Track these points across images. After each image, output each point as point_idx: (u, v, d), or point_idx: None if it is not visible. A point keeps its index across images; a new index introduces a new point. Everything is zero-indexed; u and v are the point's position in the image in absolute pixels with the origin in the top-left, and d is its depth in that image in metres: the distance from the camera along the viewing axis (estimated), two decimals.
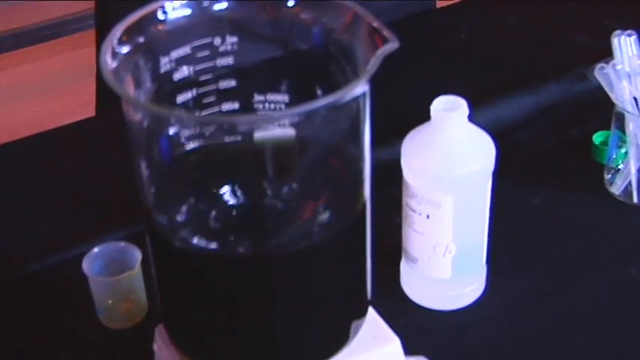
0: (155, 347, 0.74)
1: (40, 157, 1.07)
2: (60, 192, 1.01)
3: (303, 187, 0.65)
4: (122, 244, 0.85)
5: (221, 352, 0.65)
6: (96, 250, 0.84)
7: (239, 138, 0.64)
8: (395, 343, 0.68)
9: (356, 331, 0.67)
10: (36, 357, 0.83)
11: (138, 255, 0.83)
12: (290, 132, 0.61)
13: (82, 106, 1.19)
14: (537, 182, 0.99)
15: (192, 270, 0.63)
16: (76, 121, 1.12)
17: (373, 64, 0.57)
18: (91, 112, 1.30)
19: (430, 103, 0.79)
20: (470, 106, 0.79)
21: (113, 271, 0.84)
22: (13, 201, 0.99)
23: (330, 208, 0.65)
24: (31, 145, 1.08)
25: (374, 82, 0.61)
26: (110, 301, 0.85)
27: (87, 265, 0.83)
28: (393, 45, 0.58)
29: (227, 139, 0.64)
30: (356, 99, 0.60)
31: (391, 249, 0.88)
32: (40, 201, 1.00)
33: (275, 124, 0.60)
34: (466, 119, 0.79)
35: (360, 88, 0.58)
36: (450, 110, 0.78)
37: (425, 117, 0.80)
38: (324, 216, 0.64)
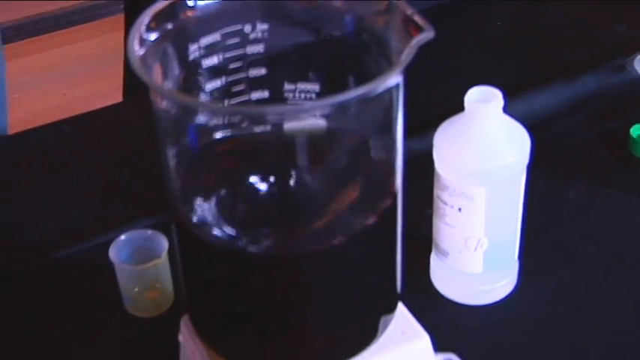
0: (181, 338, 0.74)
1: (70, 142, 1.06)
2: (88, 178, 1.00)
3: (333, 179, 0.64)
4: (149, 232, 0.84)
5: (246, 347, 0.64)
6: (123, 237, 0.84)
7: (268, 128, 0.62)
8: (424, 339, 0.66)
9: (385, 327, 0.66)
10: (61, 344, 0.83)
11: (165, 243, 0.82)
12: (321, 123, 0.59)
13: (113, 90, 1.18)
14: (572, 176, 0.97)
15: (217, 262, 0.62)
16: (106, 106, 1.11)
17: (407, 54, 0.55)
18: (121, 98, 1.29)
19: (464, 93, 0.77)
20: (504, 97, 0.77)
21: (140, 259, 0.83)
22: (41, 187, 0.99)
23: (361, 200, 0.63)
24: (60, 131, 1.07)
25: (407, 71, 0.59)
26: (136, 290, 0.84)
27: (113, 253, 0.82)
28: (428, 34, 0.57)
29: (256, 128, 0.63)
30: (389, 90, 0.58)
31: (421, 242, 0.86)
32: (67, 187, 0.99)
33: (305, 115, 0.58)
34: (501, 111, 0.77)
35: (394, 79, 0.56)
36: (484, 101, 0.76)
37: (458, 108, 0.78)
38: (355, 209, 0.63)
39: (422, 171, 0.82)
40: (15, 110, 1.23)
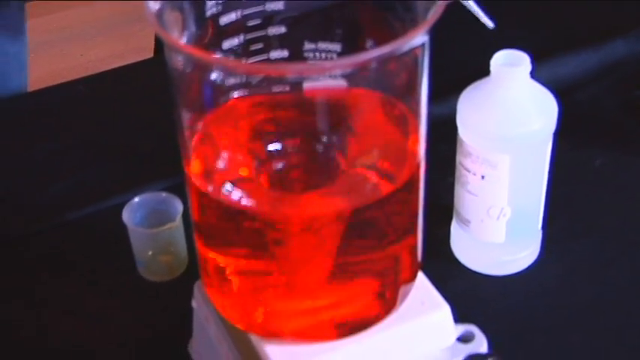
0: (194, 304, 0.72)
1: (85, 102, 1.04)
2: (103, 139, 0.98)
3: (354, 142, 0.62)
4: (164, 194, 0.82)
5: (260, 314, 0.62)
6: (137, 199, 0.82)
7: (287, 88, 0.60)
8: (444, 310, 0.65)
9: (404, 296, 0.64)
10: (72, 307, 0.81)
11: (179, 207, 0.81)
12: (342, 84, 0.57)
13: (130, 52, 1.16)
14: (598, 144, 0.94)
15: (232, 225, 0.60)
16: (121, 66, 1.09)
17: (434, 12, 0.53)
18: (139, 58, 1.27)
19: (489, 57, 0.75)
20: (532, 61, 0.74)
21: (154, 222, 0.81)
22: (55, 146, 0.98)
23: (382, 166, 0.61)
24: (75, 90, 1.06)
25: (433, 33, 0.57)
26: (150, 253, 0.83)
27: (127, 215, 0.81)
28: None
29: (275, 89, 0.61)
30: (414, 51, 0.55)
31: (442, 210, 0.84)
32: (81, 147, 0.98)
33: (326, 75, 0.56)
34: (528, 75, 0.74)
35: (420, 38, 0.54)
36: (511, 65, 0.73)
37: (484, 72, 0.75)
38: (376, 174, 0.61)
39: (444, 137, 0.79)
40: (32, 70, 1.22)
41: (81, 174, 0.93)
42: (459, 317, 0.68)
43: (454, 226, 0.83)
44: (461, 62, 0.93)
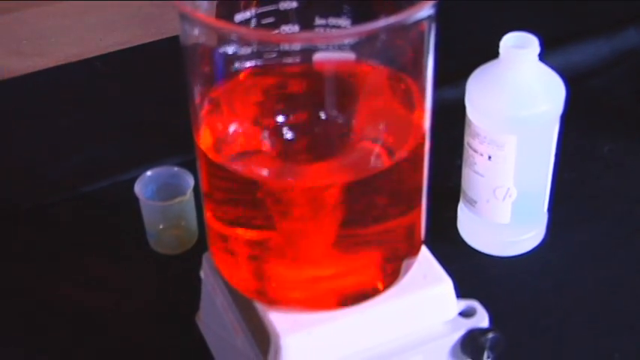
0: (202, 274, 0.73)
1: (100, 79, 1.06)
2: (117, 114, 1.00)
3: (360, 115, 0.63)
4: (175, 168, 0.84)
5: (266, 282, 0.64)
6: (149, 173, 0.83)
7: (297, 60, 0.61)
8: (446, 284, 0.65)
9: (407, 270, 0.65)
10: (83, 275, 0.83)
11: (190, 181, 0.82)
12: (350, 56, 0.58)
13: (150, 37, 1.17)
14: (607, 131, 0.95)
15: (240, 196, 0.61)
16: (137, 45, 1.11)
17: None
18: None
19: (499, 39, 0.75)
20: (541, 46, 0.75)
21: (165, 195, 0.83)
22: (69, 121, 0.99)
23: (387, 139, 0.62)
24: (91, 67, 1.07)
25: (440, 14, 0.58)
26: (161, 226, 0.84)
27: (139, 188, 0.82)
28: None
29: (285, 60, 0.62)
30: (420, 25, 0.56)
31: (450, 192, 0.85)
32: (95, 122, 0.99)
33: (334, 45, 0.57)
34: (537, 58, 0.75)
35: (426, 10, 0.55)
36: (520, 47, 0.74)
37: (493, 54, 0.76)
38: (381, 147, 0.62)
39: (454, 120, 0.81)
40: (52, 54, 1.22)
41: (95, 148, 0.95)
42: (461, 293, 0.69)
43: (461, 207, 0.84)
44: (472, 45, 0.94)
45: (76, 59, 1.08)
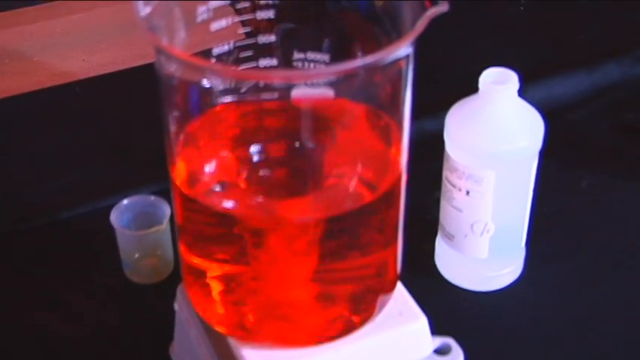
0: (176, 306, 0.73)
1: (80, 104, 1.05)
2: (94, 140, 0.99)
3: (337, 151, 0.63)
4: (152, 197, 0.83)
5: (239, 318, 0.63)
6: (125, 202, 0.83)
7: (275, 96, 0.61)
8: (421, 321, 0.65)
9: (382, 307, 0.64)
10: (58, 305, 0.82)
11: (167, 210, 0.81)
12: (328, 93, 0.58)
13: (132, 59, 1.17)
14: (586, 166, 0.95)
15: (214, 230, 0.61)
16: (118, 71, 1.10)
17: (419, 25, 0.54)
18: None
19: (479, 73, 0.75)
20: (521, 80, 0.75)
21: (141, 224, 0.82)
22: (47, 146, 0.98)
23: (364, 175, 0.62)
24: (71, 92, 1.06)
25: (420, 47, 0.57)
26: (136, 255, 0.83)
27: (115, 217, 0.81)
28: (442, 7, 0.55)
29: (263, 96, 0.62)
30: (399, 61, 0.56)
31: (428, 225, 0.85)
32: (73, 148, 0.98)
33: (312, 82, 0.57)
34: (516, 94, 0.75)
35: (404, 49, 0.55)
36: (499, 83, 0.74)
37: (472, 88, 0.76)
38: (357, 183, 0.61)
39: (433, 153, 0.80)
40: (34, 73, 1.22)
41: (72, 175, 0.94)
42: (437, 330, 0.68)
43: (439, 241, 0.83)
44: (451, 78, 0.94)
45: (62, 80, 1.07)
